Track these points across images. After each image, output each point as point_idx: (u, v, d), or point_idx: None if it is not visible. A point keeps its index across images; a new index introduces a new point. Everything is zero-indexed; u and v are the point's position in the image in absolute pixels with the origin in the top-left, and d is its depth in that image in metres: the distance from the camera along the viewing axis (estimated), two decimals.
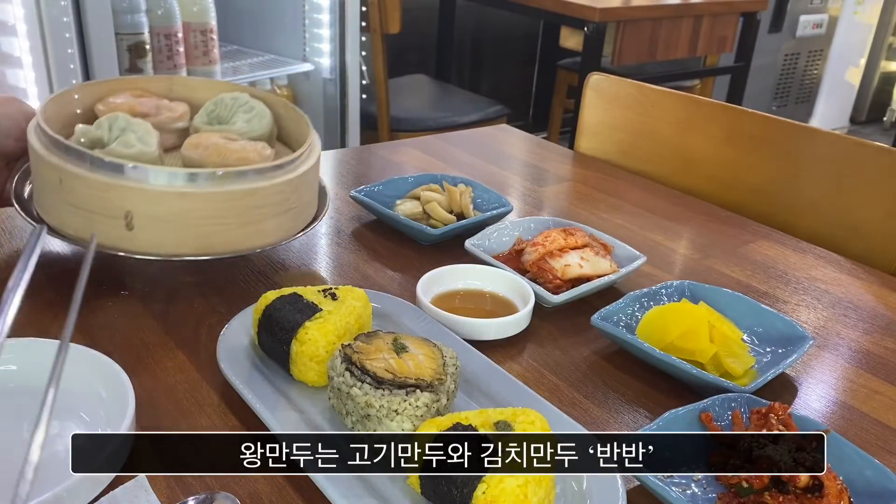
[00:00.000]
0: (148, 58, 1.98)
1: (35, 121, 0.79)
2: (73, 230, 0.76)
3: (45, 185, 0.77)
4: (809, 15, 4.11)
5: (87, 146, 0.80)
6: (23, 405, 0.63)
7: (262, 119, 0.92)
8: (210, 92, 0.97)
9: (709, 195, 1.23)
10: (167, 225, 0.74)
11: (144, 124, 0.84)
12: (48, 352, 0.65)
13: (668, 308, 0.78)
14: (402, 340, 0.63)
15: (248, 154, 0.83)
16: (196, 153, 0.83)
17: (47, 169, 0.75)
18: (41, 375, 0.63)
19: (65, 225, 0.76)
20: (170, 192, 0.73)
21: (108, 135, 0.81)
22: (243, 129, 0.90)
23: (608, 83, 1.39)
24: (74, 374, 0.63)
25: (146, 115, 0.90)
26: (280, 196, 0.79)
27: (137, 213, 0.73)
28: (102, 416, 0.61)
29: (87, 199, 0.74)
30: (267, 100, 0.96)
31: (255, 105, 0.93)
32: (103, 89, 0.93)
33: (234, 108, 0.93)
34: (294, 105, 0.96)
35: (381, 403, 0.57)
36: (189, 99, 0.97)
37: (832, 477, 0.56)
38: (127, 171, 0.72)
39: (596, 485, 0.56)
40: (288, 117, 0.95)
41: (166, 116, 0.91)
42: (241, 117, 0.91)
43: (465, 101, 2.87)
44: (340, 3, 2.30)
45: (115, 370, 0.62)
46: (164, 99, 0.95)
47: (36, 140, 0.77)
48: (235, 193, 0.75)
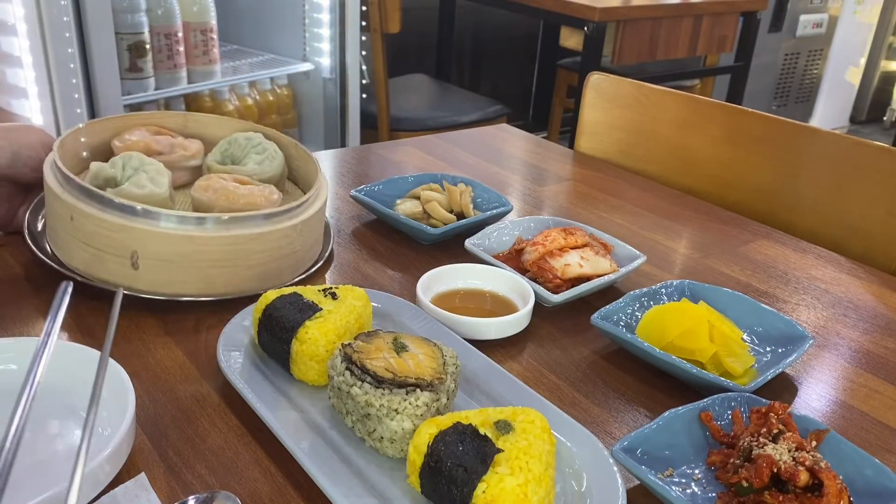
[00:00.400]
0: (148, 57, 1.98)
1: (51, 157, 0.81)
2: (81, 266, 0.78)
3: (57, 220, 0.80)
4: (809, 14, 4.11)
5: (100, 184, 0.83)
6: None
7: (274, 161, 0.94)
8: (224, 129, 1.00)
9: (709, 195, 1.23)
10: (172, 266, 0.76)
11: (157, 164, 0.86)
12: (49, 352, 0.65)
13: (667, 307, 0.78)
14: (402, 340, 0.63)
15: (256, 199, 0.85)
16: (205, 196, 0.85)
17: (60, 205, 0.78)
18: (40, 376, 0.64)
19: (74, 260, 0.79)
20: (176, 235, 0.75)
21: (122, 174, 0.84)
22: (254, 171, 0.92)
23: (608, 83, 1.39)
24: (75, 374, 0.63)
25: (160, 153, 0.92)
26: (285, 240, 0.80)
27: (143, 253, 0.75)
28: (104, 416, 0.61)
29: (96, 237, 0.76)
30: (280, 140, 0.98)
31: (268, 146, 0.95)
32: (119, 124, 0.95)
33: (246, 149, 0.95)
34: (304, 146, 0.97)
35: (381, 403, 0.57)
36: (203, 136, 0.99)
37: (832, 477, 0.56)
38: (135, 213, 0.74)
39: (596, 484, 0.56)
40: (299, 157, 0.97)
41: (179, 155, 0.93)
42: (252, 158, 0.93)
43: (465, 101, 2.87)
44: (340, 3, 2.30)
45: (116, 370, 0.62)
46: (179, 136, 0.97)
47: (51, 176, 0.80)
48: (240, 238, 0.77)
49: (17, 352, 0.66)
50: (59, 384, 0.62)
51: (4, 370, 0.65)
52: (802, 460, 0.57)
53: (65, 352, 0.65)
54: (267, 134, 0.98)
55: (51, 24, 1.74)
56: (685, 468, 0.61)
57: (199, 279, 0.77)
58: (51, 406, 0.62)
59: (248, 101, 2.34)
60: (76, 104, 1.84)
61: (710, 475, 0.61)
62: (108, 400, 0.62)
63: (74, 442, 0.60)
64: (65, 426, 0.62)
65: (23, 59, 1.79)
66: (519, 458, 0.52)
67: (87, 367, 0.63)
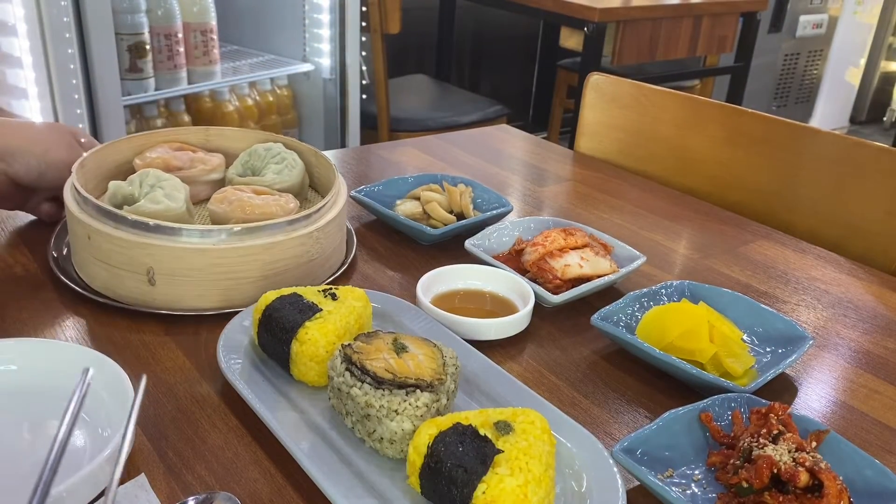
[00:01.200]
0: (148, 58, 1.98)
1: (70, 180, 0.82)
2: (100, 284, 0.79)
3: (76, 240, 0.81)
4: (809, 15, 4.11)
5: (118, 202, 0.83)
6: (22, 405, 0.63)
7: (293, 170, 0.94)
8: (245, 141, 1.00)
9: (709, 195, 1.23)
10: (188, 280, 0.76)
11: (173, 180, 0.86)
12: (49, 352, 0.65)
13: (667, 308, 0.78)
14: (402, 340, 0.63)
15: (271, 208, 0.85)
16: (221, 208, 0.85)
17: (78, 225, 0.78)
18: (41, 376, 0.64)
19: (93, 279, 0.80)
20: (189, 249, 0.75)
21: (139, 191, 0.84)
22: (273, 181, 0.92)
23: (608, 83, 1.39)
24: (76, 375, 0.63)
25: (180, 168, 0.92)
26: (301, 248, 0.80)
27: (158, 269, 0.75)
28: (103, 416, 0.61)
29: (112, 254, 0.76)
30: (300, 149, 0.98)
31: (287, 156, 0.95)
32: (142, 142, 0.95)
33: (266, 159, 0.95)
34: (323, 153, 0.97)
35: (381, 403, 0.57)
36: (225, 149, 1.00)
37: (832, 477, 0.56)
38: (148, 229, 0.75)
39: (596, 485, 0.56)
40: (319, 165, 0.97)
41: (200, 169, 0.94)
42: (271, 168, 0.94)
43: (465, 101, 2.87)
44: (340, 3, 2.30)
45: (116, 371, 0.62)
46: (201, 151, 0.97)
47: (70, 198, 0.81)
48: (253, 248, 0.77)
49: (18, 352, 0.66)
50: (61, 387, 0.62)
51: (5, 371, 0.65)
52: (802, 461, 0.57)
53: (69, 353, 0.65)
54: (287, 143, 0.98)
55: (51, 25, 1.74)
56: (685, 469, 0.61)
57: (216, 292, 0.77)
58: (52, 408, 0.62)
59: (248, 102, 2.34)
60: (76, 105, 1.84)
61: (710, 476, 0.61)
62: (107, 401, 0.62)
63: (75, 443, 0.60)
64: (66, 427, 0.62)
65: (23, 60, 1.79)
66: (519, 459, 0.52)
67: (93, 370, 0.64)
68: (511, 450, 0.52)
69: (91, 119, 1.90)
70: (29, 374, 0.65)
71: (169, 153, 0.94)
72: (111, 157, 0.92)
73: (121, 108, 1.93)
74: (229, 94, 2.28)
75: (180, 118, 2.19)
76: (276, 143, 0.97)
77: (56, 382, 0.62)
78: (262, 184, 0.91)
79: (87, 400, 0.62)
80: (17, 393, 0.64)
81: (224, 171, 0.96)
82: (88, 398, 0.62)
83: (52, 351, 0.66)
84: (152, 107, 2.12)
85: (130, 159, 0.93)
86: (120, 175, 0.91)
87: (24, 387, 0.64)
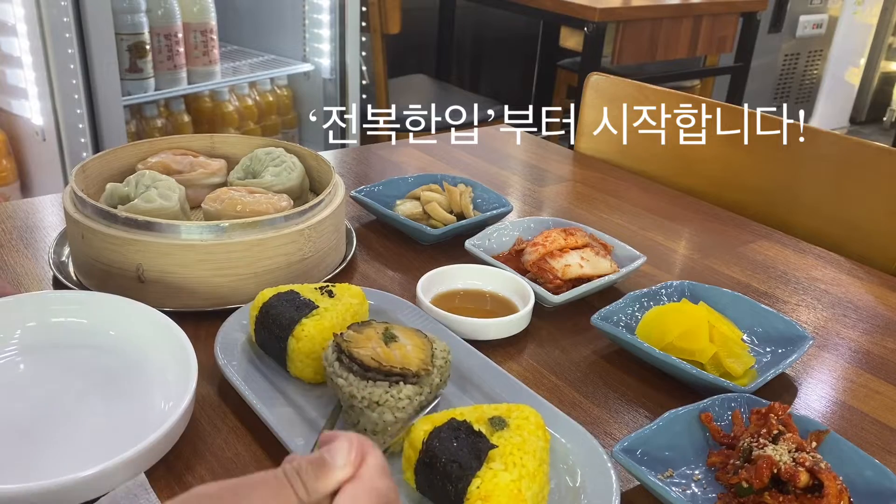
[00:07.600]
0: (148, 58, 1.98)
1: (69, 185, 0.82)
2: (95, 283, 0.79)
3: (73, 241, 0.81)
4: (809, 15, 4.10)
5: (114, 202, 0.84)
6: (90, 358, 0.67)
7: (291, 172, 0.94)
8: (250, 147, 1.00)
9: (709, 195, 1.23)
10: (177, 277, 0.76)
11: (169, 180, 0.87)
12: (116, 306, 0.70)
13: (667, 308, 0.78)
14: (392, 330, 0.63)
15: (262, 206, 0.86)
16: (214, 206, 0.86)
17: (73, 225, 0.79)
18: (108, 330, 0.69)
19: (88, 279, 0.80)
20: (176, 245, 0.75)
21: (135, 191, 0.85)
22: (271, 183, 0.92)
23: (608, 83, 1.38)
24: (147, 336, 0.69)
25: (180, 171, 0.93)
26: (292, 246, 0.80)
27: (148, 266, 0.75)
28: (171, 382, 0.64)
29: (103, 252, 0.77)
30: (300, 153, 0.98)
31: (286, 159, 0.96)
32: (146, 149, 0.96)
33: (265, 162, 0.95)
34: (321, 155, 0.98)
35: (363, 395, 0.58)
36: (229, 155, 1.00)
37: (832, 477, 0.56)
38: (136, 225, 0.75)
39: (590, 481, 0.56)
40: (320, 169, 0.97)
41: (200, 172, 0.95)
42: (270, 171, 0.94)
43: (465, 101, 2.87)
44: (340, 4, 2.30)
45: (180, 336, 0.66)
46: (203, 156, 0.98)
47: (68, 200, 0.81)
48: (241, 244, 0.77)
49: (88, 305, 0.70)
50: (129, 344, 0.67)
51: (76, 322, 0.69)
52: (802, 461, 0.57)
53: (139, 312, 0.69)
54: (288, 148, 0.98)
55: (51, 25, 1.73)
56: (685, 469, 0.61)
57: (206, 289, 0.77)
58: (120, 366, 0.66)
59: (248, 102, 2.34)
60: (76, 105, 1.84)
61: (710, 476, 0.61)
62: (173, 367, 0.65)
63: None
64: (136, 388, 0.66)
65: (23, 60, 1.79)
66: (513, 454, 0.52)
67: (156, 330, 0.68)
68: (505, 445, 0.53)
69: (91, 119, 1.89)
70: (97, 328, 0.70)
71: (170, 157, 0.95)
72: (114, 162, 0.92)
73: (121, 108, 1.93)
74: (229, 94, 2.28)
75: (180, 118, 2.19)
76: (277, 147, 0.98)
77: (125, 341, 0.68)
78: (260, 185, 0.92)
79: (153, 361, 0.67)
80: (85, 346, 0.68)
81: (226, 175, 0.97)
82: (155, 357, 0.67)
83: (121, 306, 0.70)
84: (152, 107, 2.12)
85: (133, 164, 0.94)
86: (121, 180, 0.91)
87: (91, 340, 0.69)
